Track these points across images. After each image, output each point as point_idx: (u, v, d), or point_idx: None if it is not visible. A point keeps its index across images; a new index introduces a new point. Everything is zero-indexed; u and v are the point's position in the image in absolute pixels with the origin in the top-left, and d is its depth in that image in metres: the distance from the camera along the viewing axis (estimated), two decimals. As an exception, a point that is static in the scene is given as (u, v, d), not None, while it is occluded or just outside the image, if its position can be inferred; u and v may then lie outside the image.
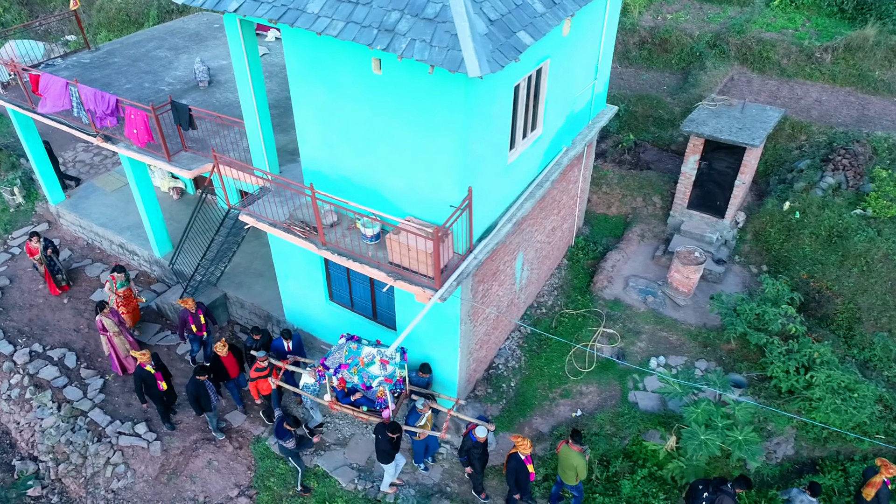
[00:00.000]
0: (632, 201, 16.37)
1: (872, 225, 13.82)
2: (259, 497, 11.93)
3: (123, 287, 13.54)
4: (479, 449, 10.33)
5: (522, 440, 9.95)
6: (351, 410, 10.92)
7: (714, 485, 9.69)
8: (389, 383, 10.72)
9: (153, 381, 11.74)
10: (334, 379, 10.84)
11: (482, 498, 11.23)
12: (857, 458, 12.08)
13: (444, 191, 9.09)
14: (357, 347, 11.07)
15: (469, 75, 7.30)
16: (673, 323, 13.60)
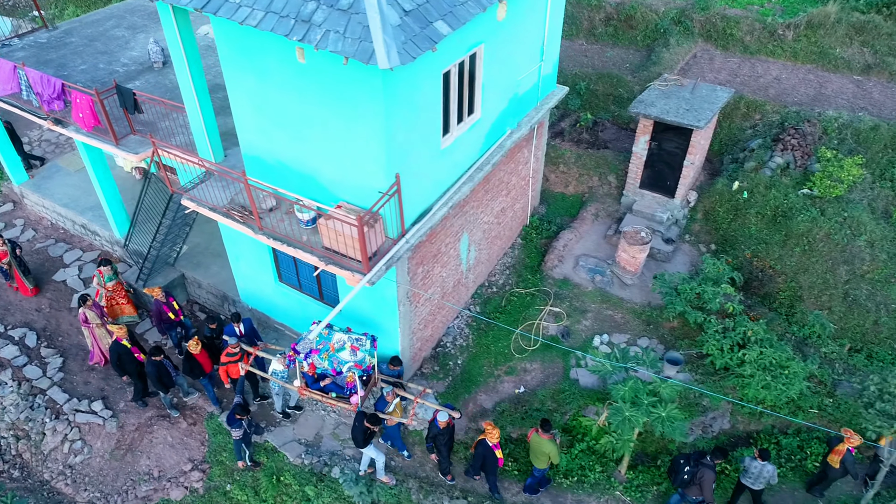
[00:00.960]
0: (588, 180, 16.55)
1: (817, 205, 14.06)
2: (212, 471, 12.36)
3: (112, 281, 13.55)
4: (445, 435, 10.69)
5: (492, 428, 10.31)
6: (320, 396, 11.09)
7: (694, 458, 10.19)
8: (359, 369, 10.85)
9: (130, 354, 12.01)
10: (305, 364, 10.98)
11: (448, 480, 11.59)
12: (791, 432, 12.55)
13: (371, 177, 9.29)
14: (328, 333, 11.05)
15: (379, 67, 7.44)
16: (619, 301, 13.92)
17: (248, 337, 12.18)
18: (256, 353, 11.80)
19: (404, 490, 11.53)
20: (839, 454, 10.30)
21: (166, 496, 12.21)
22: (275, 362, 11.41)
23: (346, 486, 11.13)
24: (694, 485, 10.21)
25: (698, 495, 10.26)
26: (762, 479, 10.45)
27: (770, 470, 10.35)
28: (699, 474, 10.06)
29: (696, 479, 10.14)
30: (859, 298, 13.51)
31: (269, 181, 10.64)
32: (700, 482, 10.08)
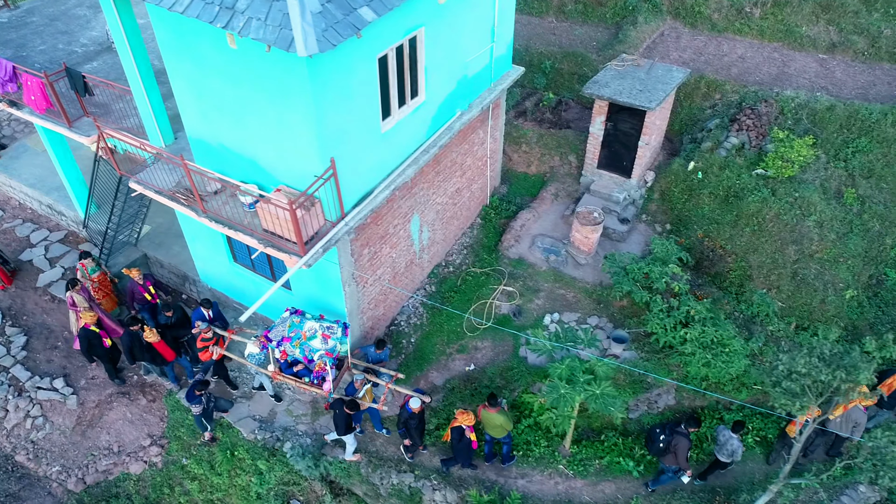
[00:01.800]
0: (550, 160, 16.67)
1: (769, 185, 14.20)
2: (170, 446, 12.75)
3: (96, 272, 13.54)
4: (416, 419, 10.97)
5: (465, 413, 10.59)
6: (294, 381, 11.20)
7: (669, 427, 10.58)
8: (330, 357, 10.91)
9: (98, 339, 12.21)
10: (276, 351, 11.04)
11: (408, 457, 11.90)
12: (735, 408, 12.90)
13: (306, 161, 9.45)
14: (300, 321, 11.10)
15: (298, 55, 7.56)
16: (571, 281, 14.16)
17: (216, 321, 12.28)
18: (232, 338, 11.86)
19: (353, 464, 11.91)
20: (798, 425, 10.64)
21: (126, 470, 12.62)
22: (250, 345, 11.44)
23: (293, 460, 11.50)
24: (669, 453, 10.62)
25: (673, 463, 10.70)
26: (725, 451, 10.79)
27: (735, 444, 10.67)
28: (674, 443, 10.45)
29: (671, 447, 10.54)
30: (807, 278, 13.74)
31: (214, 164, 10.81)
32: (675, 450, 10.49)
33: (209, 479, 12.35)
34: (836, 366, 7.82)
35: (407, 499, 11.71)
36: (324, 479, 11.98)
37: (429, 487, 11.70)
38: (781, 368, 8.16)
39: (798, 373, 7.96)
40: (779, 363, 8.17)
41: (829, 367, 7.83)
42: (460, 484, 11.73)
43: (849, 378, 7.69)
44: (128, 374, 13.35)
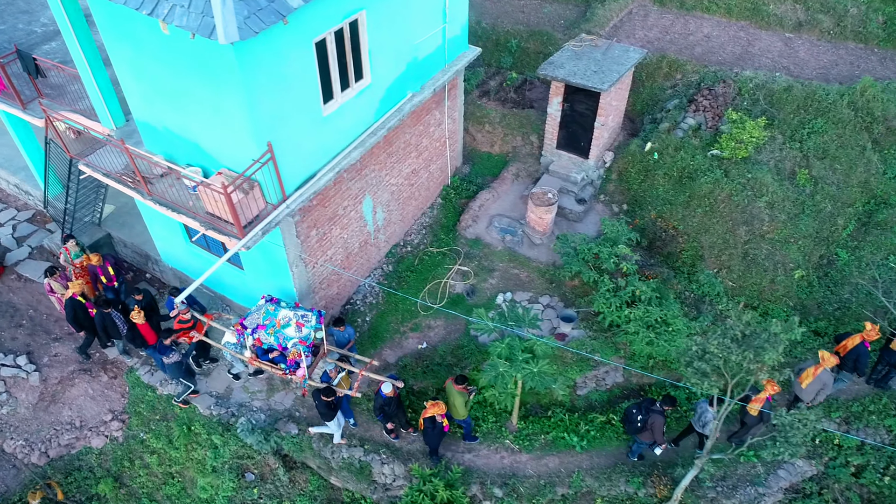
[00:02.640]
0: (512, 140, 16.77)
1: (723, 166, 14.33)
2: (130, 421, 13.14)
3: (79, 258, 13.47)
4: (391, 404, 11.26)
5: (436, 404, 10.84)
6: (269, 367, 11.25)
7: (645, 406, 10.90)
8: (304, 345, 11.06)
9: (85, 309, 12.42)
10: (251, 339, 11.14)
11: (392, 437, 12.22)
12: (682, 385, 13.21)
13: (243, 145, 9.61)
14: (274, 309, 11.17)
15: (220, 42, 7.68)
16: (525, 261, 14.38)
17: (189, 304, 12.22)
18: (210, 324, 11.91)
19: (305, 439, 12.29)
20: (759, 402, 10.96)
21: (88, 444, 13.02)
22: (227, 334, 11.57)
23: (243, 434, 11.87)
24: (646, 430, 10.97)
25: (650, 439, 11.08)
26: (701, 422, 11.15)
27: (708, 416, 10.96)
28: (650, 420, 10.79)
29: (647, 425, 10.88)
30: (758, 258, 13.97)
31: (161, 147, 10.96)
32: (651, 427, 10.83)
33: (167, 452, 12.75)
34: (745, 347, 8.07)
35: (357, 472, 12.11)
36: (277, 452, 12.37)
37: (377, 461, 12.09)
38: (695, 349, 8.42)
39: (711, 353, 8.22)
40: (693, 344, 8.43)
41: (740, 347, 8.08)
42: (409, 457, 12.12)
43: (756, 358, 7.95)
44: (90, 351, 13.65)
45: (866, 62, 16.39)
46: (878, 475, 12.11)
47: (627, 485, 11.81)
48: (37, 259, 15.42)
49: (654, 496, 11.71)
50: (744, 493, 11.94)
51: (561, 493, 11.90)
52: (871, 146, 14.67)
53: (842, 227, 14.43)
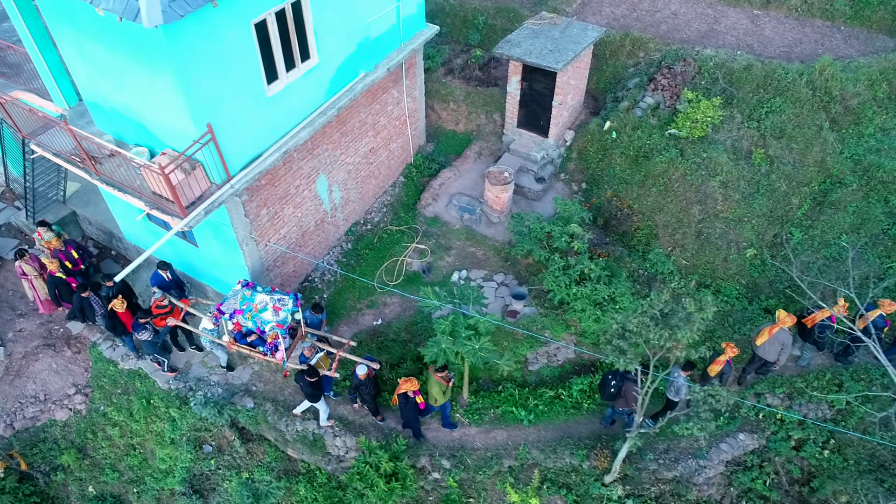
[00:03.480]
0: (477, 118, 16.84)
1: (679, 145, 14.43)
2: (93, 394, 13.48)
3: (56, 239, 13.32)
4: (366, 385, 11.52)
5: (409, 381, 11.06)
6: (248, 350, 11.52)
7: (620, 374, 11.14)
8: (281, 328, 11.13)
9: (66, 284, 12.60)
10: (230, 323, 11.25)
11: (378, 420, 12.49)
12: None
13: (183, 126, 9.75)
14: (251, 294, 11.31)
15: (144, 26, 7.79)
16: (482, 239, 14.58)
17: (176, 283, 12.45)
18: (187, 308, 12.05)
19: (261, 412, 12.63)
20: (720, 364, 11.38)
21: (52, 416, 13.39)
22: (205, 321, 11.74)
23: (197, 408, 12.21)
24: (621, 397, 11.27)
25: (625, 406, 11.36)
26: (673, 389, 11.48)
27: (680, 382, 11.29)
28: (624, 388, 11.07)
29: (621, 391, 11.18)
30: (711, 237, 14.15)
31: (110, 127, 11.11)
32: (625, 394, 11.12)
33: (129, 425, 13.13)
34: (662, 325, 8.31)
35: (310, 444, 12.48)
36: (233, 425, 12.73)
37: (330, 434, 12.44)
38: (616, 327, 8.66)
39: (630, 331, 8.46)
40: (613, 322, 8.66)
41: (657, 326, 8.32)
42: (360, 431, 12.47)
43: (672, 337, 8.19)
44: (54, 328, 13.95)
45: (831, 40, 16.35)
46: (818, 449, 12.46)
47: (572, 457, 12.17)
48: (4, 236, 15.63)
49: (596, 468, 12.07)
50: (685, 465, 12.31)
51: (508, 464, 12.27)
52: (828, 125, 14.72)
53: (797, 207, 14.57)
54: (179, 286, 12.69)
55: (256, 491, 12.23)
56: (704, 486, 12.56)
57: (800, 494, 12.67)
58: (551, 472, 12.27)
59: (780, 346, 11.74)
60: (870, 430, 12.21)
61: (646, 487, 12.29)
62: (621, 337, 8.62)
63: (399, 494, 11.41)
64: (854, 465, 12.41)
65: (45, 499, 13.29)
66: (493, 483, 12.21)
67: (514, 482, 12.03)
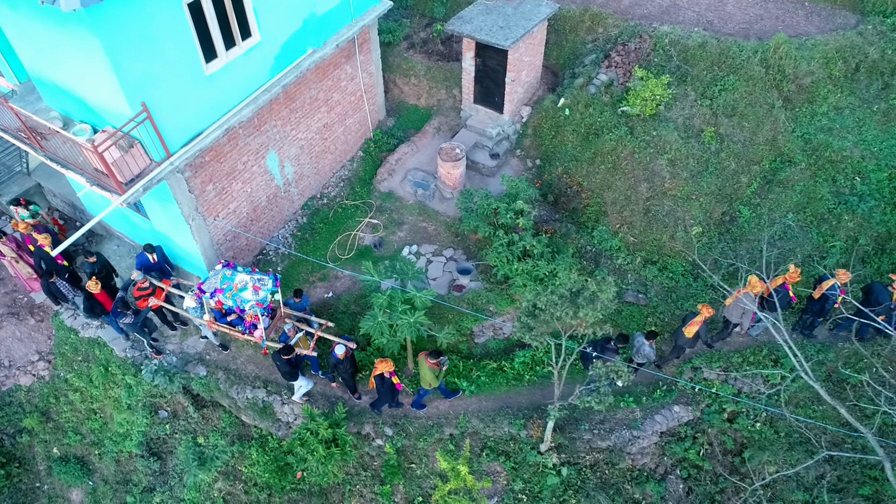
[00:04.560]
0: (437, 93, 16.96)
1: (629, 123, 14.55)
2: (56, 361, 14.04)
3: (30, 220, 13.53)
4: (343, 364, 11.87)
5: (384, 362, 11.36)
6: (228, 329, 11.89)
7: (600, 345, 11.56)
8: (261, 307, 11.45)
9: (51, 260, 12.79)
10: (211, 302, 11.57)
11: (356, 398, 12.91)
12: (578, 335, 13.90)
13: (118, 104, 10.00)
14: (231, 274, 11.63)
15: (63, 10, 8.00)
16: (434, 214, 14.86)
17: (161, 266, 12.71)
18: (168, 289, 12.34)
19: (213, 380, 13.15)
20: (696, 325, 11.78)
21: (17, 382, 13.97)
22: (188, 299, 12.04)
23: (148, 376, 12.73)
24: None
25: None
26: (641, 355, 11.96)
27: (646, 350, 11.81)
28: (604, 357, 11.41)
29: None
30: (659, 214, 14.37)
31: (56, 103, 11.36)
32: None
33: (89, 390, 13.70)
34: (569, 304, 8.64)
35: (260, 410, 13.02)
36: (187, 392, 13.27)
37: (278, 401, 12.97)
38: (526, 305, 9.00)
39: (540, 308, 8.80)
40: (524, 300, 9.00)
41: (564, 304, 8.66)
42: (308, 399, 12.98)
43: (576, 315, 8.54)
44: (18, 296, 14.44)
45: (793, 17, 16.27)
46: (751, 422, 12.90)
47: (510, 426, 12.65)
48: None
49: (531, 437, 12.57)
50: (619, 435, 12.79)
51: (448, 432, 12.78)
52: (780, 104, 14.79)
53: (746, 185, 14.73)
54: (164, 269, 12.84)
55: (202, 455, 12.81)
56: (638, 455, 13.07)
57: (732, 464, 13.16)
58: (491, 441, 12.79)
59: (742, 309, 12.09)
60: (803, 403, 12.67)
61: (581, 456, 12.81)
62: (531, 314, 8.96)
63: (338, 459, 11.96)
64: (785, 438, 12.86)
65: (12, 459, 13.96)
66: (434, 450, 12.74)
67: (455, 450, 12.55)
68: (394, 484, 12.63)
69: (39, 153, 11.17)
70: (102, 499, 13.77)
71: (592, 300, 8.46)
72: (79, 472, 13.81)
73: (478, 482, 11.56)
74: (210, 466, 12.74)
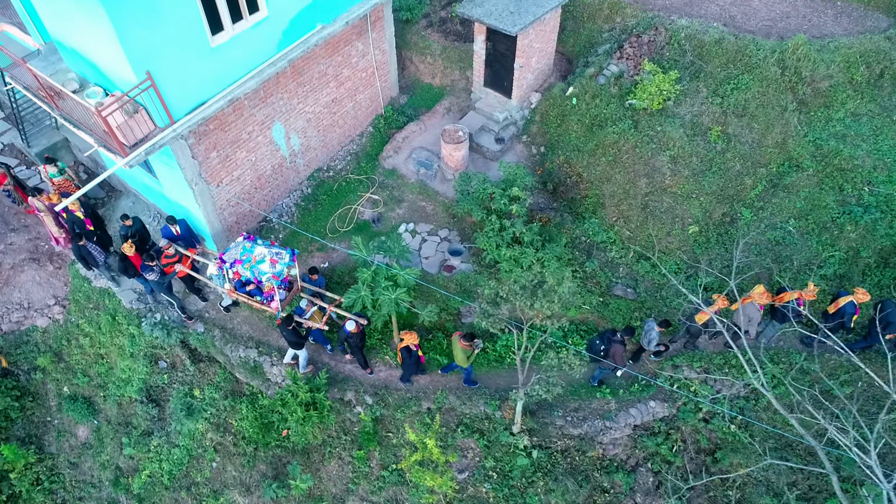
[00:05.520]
0: (451, 74, 17.09)
1: (634, 117, 14.48)
2: (70, 307, 14.99)
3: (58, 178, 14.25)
4: (354, 338, 12.40)
5: (410, 334, 11.92)
6: (246, 298, 12.49)
7: (607, 336, 12.02)
8: (276, 280, 11.98)
9: (82, 224, 13.59)
10: (230, 272, 12.19)
11: (368, 372, 13.47)
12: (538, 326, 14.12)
13: (125, 72, 10.55)
14: (251, 246, 12.16)
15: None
16: (434, 194, 15.15)
17: (185, 238, 13.26)
18: (193, 258, 12.99)
19: (209, 337, 13.90)
20: (706, 315, 12.01)
21: (34, 323, 15.00)
22: (211, 266, 12.70)
23: (147, 329, 13.53)
24: (608, 357, 12.14)
25: (611, 365, 12.27)
26: (646, 339, 12.32)
27: (653, 334, 12.16)
28: (611, 350, 11.93)
29: (609, 353, 12.03)
30: (657, 210, 14.36)
31: (75, 65, 11.99)
32: (612, 355, 11.98)
33: (97, 337, 14.63)
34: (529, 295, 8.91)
35: (251, 369, 13.73)
36: (185, 346, 14.06)
37: (268, 362, 13.64)
38: (488, 293, 9.30)
39: (501, 297, 9.10)
40: (485, 288, 9.29)
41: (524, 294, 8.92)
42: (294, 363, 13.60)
43: (532, 306, 8.80)
44: (40, 244, 15.39)
45: (820, 16, 15.79)
46: (726, 423, 13.00)
47: (486, 406, 13.06)
48: (6, 156, 17.03)
49: (505, 418, 12.96)
50: (591, 424, 13.07)
51: (426, 406, 13.27)
52: (794, 107, 14.47)
53: (750, 187, 14.55)
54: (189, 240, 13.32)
55: (191, 406, 13.62)
56: (610, 445, 13.34)
57: (704, 462, 13.33)
58: (467, 418, 13.23)
59: (748, 318, 12.22)
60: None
61: (553, 441, 13.15)
62: (493, 302, 9.27)
63: (316, 422, 12.59)
64: (760, 443, 12.92)
65: (26, 393, 15.07)
66: (412, 422, 13.26)
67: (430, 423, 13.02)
68: (369, 450, 13.22)
69: (55, 112, 11.85)
70: (105, 437, 14.80)
71: (550, 293, 8.70)
72: (85, 410, 14.83)
73: (443, 455, 12.03)
74: (197, 417, 13.56)
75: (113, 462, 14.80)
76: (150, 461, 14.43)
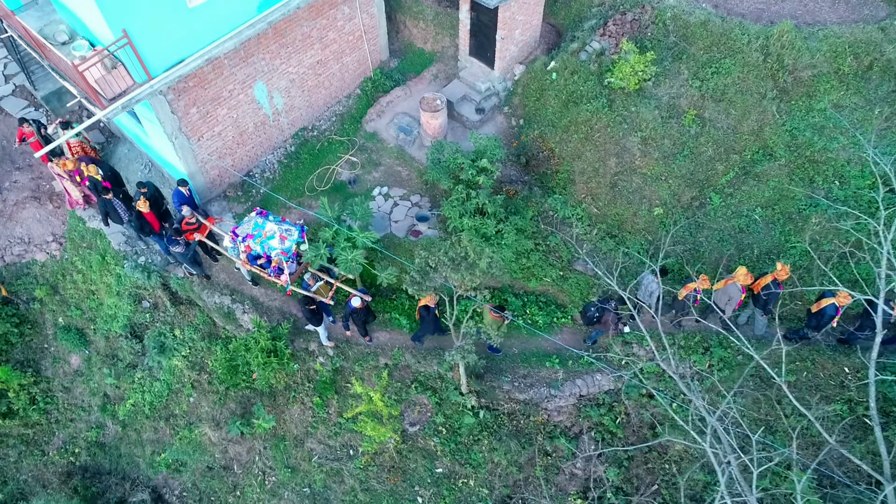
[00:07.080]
0: (442, 40, 17.27)
1: (610, 96, 14.57)
2: (66, 244, 16.06)
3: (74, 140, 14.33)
4: (358, 314, 13.02)
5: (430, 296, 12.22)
6: (258, 270, 13.00)
7: (599, 303, 12.70)
8: (285, 256, 12.42)
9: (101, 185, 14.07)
10: (241, 245, 12.72)
11: (367, 340, 14.19)
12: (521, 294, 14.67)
13: (102, 29, 11.15)
14: (262, 222, 12.65)
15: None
16: (410, 160, 15.60)
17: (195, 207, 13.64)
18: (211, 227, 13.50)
19: (188, 281, 14.82)
20: (688, 290, 12.48)
21: (34, 257, 16.13)
22: (227, 238, 13.23)
23: (128, 270, 14.49)
24: (600, 323, 12.86)
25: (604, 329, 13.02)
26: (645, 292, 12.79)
27: (653, 287, 12.50)
28: (604, 316, 12.64)
29: (601, 319, 12.73)
30: (625, 190, 14.59)
31: (64, 17, 12.64)
32: (605, 321, 12.69)
33: (88, 274, 15.71)
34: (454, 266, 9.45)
35: (225, 315, 14.66)
36: (166, 289, 15.03)
37: (240, 309, 14.54)
38: (419, 262, 9.86)
39: (431, 267, 9.66)
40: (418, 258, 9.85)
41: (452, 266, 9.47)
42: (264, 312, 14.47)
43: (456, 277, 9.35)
44: (42, 183, 16.38)
45: (817, 2, 15.42)
46: (668, 400, 13.49)
47: (439, 366, 13.79)
48: (17, 97, 17.95)
49: (455, 378, 13.68)
50: (537, 391, 13.73)
51: (383, 362, 14.07)
52: (773, 94, 14.36)
53: (722, 173, 14.61)
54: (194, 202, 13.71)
55: (163, 344, 14.66)
56: (555, 412, 14.01)
57: (644, 436, 13.90)
58: (421, 376, 14.01)
59: (728, 298, 12.57)
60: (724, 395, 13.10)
61: (500, 403, 13.87)
62: (423, 271, 9.84)
63: (275, 367, 13.51)
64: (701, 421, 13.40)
65: (25, 321, 16.33)
66: (370, 375, 14.09)
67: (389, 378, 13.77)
68: (327, 398, 14.13)
69: (44, 62, 12.58)
70: (94, 367, 16.04)
71: (472, 267, 9.23)
72: (78, 340, 16.05)
73: (387, 409, 12.85)
74: (169, 354, 14.61)
75: (101, 390, 16.07)
76: (134, 392, 15.65)
